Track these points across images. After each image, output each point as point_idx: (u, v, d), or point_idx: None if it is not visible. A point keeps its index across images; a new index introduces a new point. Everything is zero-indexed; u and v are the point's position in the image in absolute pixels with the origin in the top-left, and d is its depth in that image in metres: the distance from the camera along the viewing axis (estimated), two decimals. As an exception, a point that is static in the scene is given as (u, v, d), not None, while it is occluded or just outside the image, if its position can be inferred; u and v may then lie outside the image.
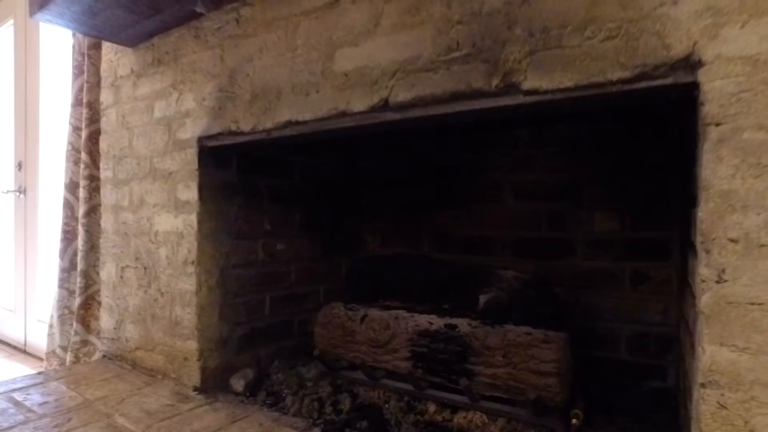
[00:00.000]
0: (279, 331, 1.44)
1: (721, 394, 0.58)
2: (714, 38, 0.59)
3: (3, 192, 2.74)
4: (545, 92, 0.71)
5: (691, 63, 0.61)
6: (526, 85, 0.73)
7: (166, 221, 1.32)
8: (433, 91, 0.81)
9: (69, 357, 1.87)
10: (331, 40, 0.95)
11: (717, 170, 0.59)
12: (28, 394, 1.24)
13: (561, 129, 1.32)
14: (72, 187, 1.91)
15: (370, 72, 0.89)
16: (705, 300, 0.59)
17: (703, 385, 0.59)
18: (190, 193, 1.24)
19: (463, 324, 1.03)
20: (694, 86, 0.61)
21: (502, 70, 0.75)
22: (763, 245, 0.56)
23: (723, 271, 0.58)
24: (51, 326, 1.95)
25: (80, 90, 1.89)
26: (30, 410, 1.15)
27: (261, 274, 1.38)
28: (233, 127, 1.13)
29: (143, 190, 1.40)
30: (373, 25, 0.89)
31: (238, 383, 1.24)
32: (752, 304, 0.56)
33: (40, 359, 2.52)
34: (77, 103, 1.90)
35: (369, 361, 1.14)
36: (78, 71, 1.90)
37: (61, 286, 1.92)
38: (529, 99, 0.73)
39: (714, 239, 0.59)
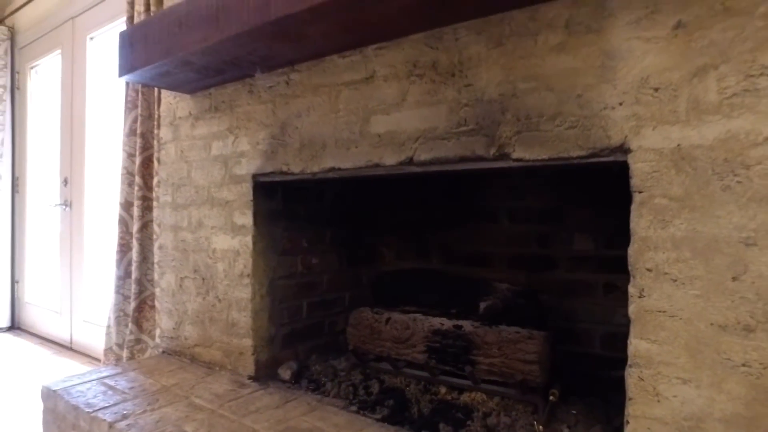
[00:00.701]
0: (313, 331, 1.73)
1: (640, 370, 0.87)
2: (637, 135, 0.88)
3: (51, 205, 3.04)
4: (528, 160, 1.01)
5: (624, 149, 0.90)
6: (515, 155, 1.02)
7: (223, 241, 1.61)
8: (447, 155, 1.11)
9: (125, 353, 2.17)
10: (367, 108, 1.25)
11: (639, 222, 0.88)
12: (116, 381, 1.53)
13: (547, 165, 1.61)
14: (126, 205, 2.21)
15: (398, 136, 1.19)
16: (631, 309, 0.89)
17: (630, 366, 0.89)
18: (245, 218, 1.54)
19: (467, 325, 1.33)
20: (626, 165, 0.90)
21: (497, 143, 1.04)
22: (666, 273, 0.85)
23: (642, 290, 0.88)
24: (108, 326, 2.25)
25: (134, 122, 2.19)
26: (123, 392, 1.44)
27: (300, 284, 1.68)
28: (284, 168, 1.43)
29: (201, 215, 1.70)
30: (401, 99, 1.19)
31: (285, 372, 1.53)
32: (659, 311, 0.86)
33: (86, 355, 2.83)
34: (131, 133, 2.19)
35: (392, 354, 1.44)
36: (132, 105, 2.19)
37: (117, 292, 2.22)
38: (516, 164, 1.03)
39: (637, 269, 0.88)
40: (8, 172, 3.46)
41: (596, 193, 1.49)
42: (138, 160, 2.14)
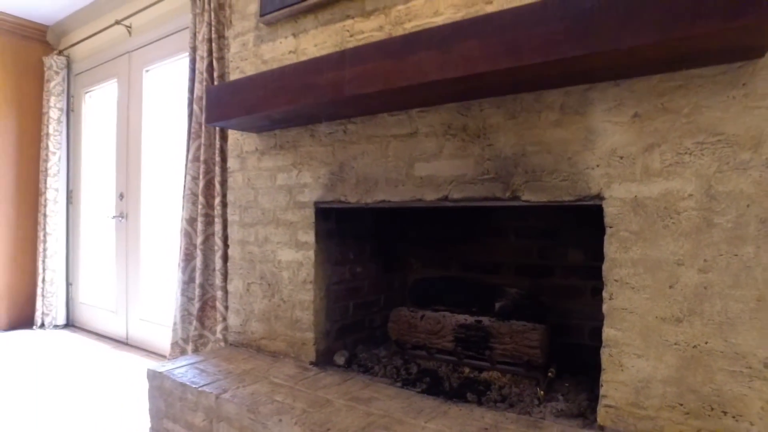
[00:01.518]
0: (357, 327, 2.15)
1: (610, 350, 1.29)
2: (608, 188, 1.30)
3: (108, 217, 3.45)
4: (533, 202, 1.42)
5: (600, 197, 1.32)
6: (524, 198, 1.44)
7: (288, 254, 2.03)
8: (473, 195, 1.52)
9: (190, 347, 2.58)
10: (411, 156, 1.67)
11: (609, 248, 1.30)
12: (204, 366, 1.95)
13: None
14: (191, 221, 2.62)
15: (436, 179, 1.60)
16: (604, 308, 1.30)
17: (603, 347, 1.30)
18: (308, 237, 1.95)
19: (485, 320, 1.74)
20: (601, 208, 1.32)
21: (511, 189, 1.46)
22: (627, 283, 1.27)
23: (611, 294, 1.29)
24: (174, 324, 2.65)
25: (197, 150, 2.60)
26: (215, 374, 1.85)
27: (347, 289, 2.09)
28: (342, 198, 1.84)
29: (267, 232, 2.11)
30: (438, 152, 1.61)
31: (339, 359, 1.95)
32: (623, 309, 1.27)
33: (143, 349, 3.24)
34: (195, 159, 2.61)
35: (427, 343, 1.86)
36: (195, 136, 2.61)
37: (182, 294, 2.63)
38: (525, 204, 1.44)
39: (608, 280, 1.30)
40: (63, 186, 3.87)
41: (583, 219, 1.90)
42: (201, 182, 2.55)
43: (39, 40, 3.99)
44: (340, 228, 2.05)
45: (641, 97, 1.27)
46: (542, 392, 1.52)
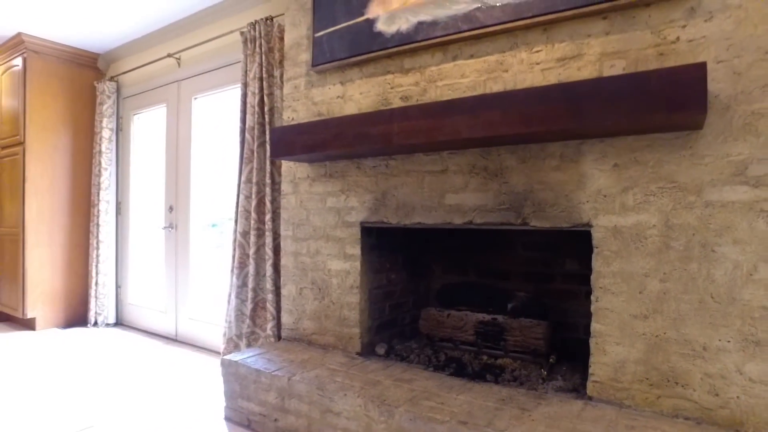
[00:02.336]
0: (392, 324, 2.61)
1: (596, 339, 1.76)
2: (595, 218, 1.77)
3: (159, 227, 3.91)
4: (539, 227, 1.89)
5: (589, 225, 1.78)
6: (531, 224, 1.90)
7: (336, 264, 2.49)
8: (492, 220, 1.99)
9: (243, 342, 3.04)
10: (442, 188, 2.13)
11: (596, 263, 1.76)
12: (269, 357, 2.41)
13: (549, 214, 2.49)
14: (244, 234, 3.08)
15: (462, 207, 2.07)
16: (592, 308, 1.77)
17: (591, 337, 1.77)
18: (354, 250, 2.42)
19: (500, 318, 2.20)
20: (590, 233, 1.78)
21: (522, 217, 1.92)
22: (608, 290, 1.73)
23: (597, 298, 1.76)
24: (229, 322, 3.11)
25: (249, 172, 3.06)
26: (280, 363, 2.32)
27: (384, 292, 2.56)
28: (384, 220, 2.31)
29: (318, 246, 2.57)
30: (464, 186, 2.07)
31: (380, 350, 2.41)
32: (605, 309, 1.74)
33: (192, 345, 3.70)
34: (248, 180, 3.07)
35: (452, 337, 2.32)
36: (248, 161, 3.07)
37: (236, 297, 3.09)
38: (532, 228, 1.91)
39: (594, 287, 1.76)
40: (113, 198, 4.33)
41: (577, 237, 2.37)
42: (254, 201, 3.01)
43: (91, 67, 4.45)
44: (379, 242, 2.52)
45: (620, 152, 1.74)
46: (545, 373, 1.98)
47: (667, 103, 1.44)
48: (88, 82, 4.41)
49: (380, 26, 2.31)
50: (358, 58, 2.38)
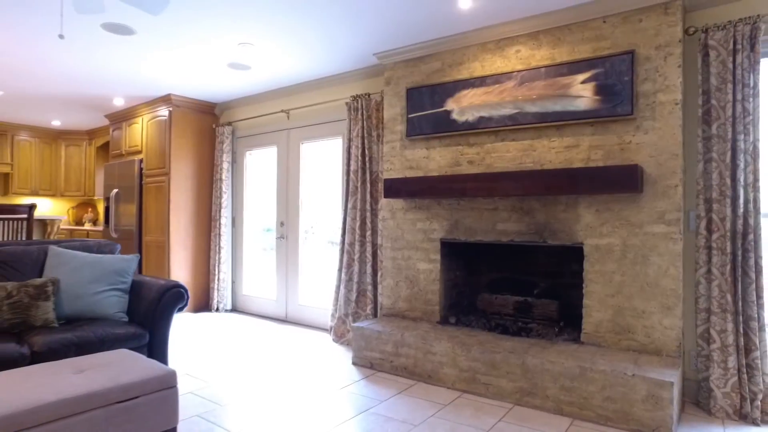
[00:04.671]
0: (456, 305, 4.13)
1: (586, 309, 3.26)
2: (585, 239, 3.26)
3: (274, 238, 5.49)
4: (552, 245, 3.39)
5: (582, 244, 3.28)
6: (549, 242, 3.41)
7: (423, 265, 4.02)
8: (525, 240, 3.50)
9: (349, 319, 4.58)
10: (494, 219, 3.64)
11: (585, 265, 3.27)
12: (380, 325, 3.94)
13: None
14: (351, 244, 4.62)
15: (507, 231, 3.58)
16: (584, 292, 3.27)
17: (583, 308, 3.27)
18: (436, 256, 3.94)
19: (529, 299, 3.72)
20: (582, 250, 3.28)
21: (543, 238, 3.43)
22: (592, 280, 3.23)
23: (586, 285, 3.26)
24: (339, 305, 4.65)
25: (354, 201, 4.60)
26: (390, 327, 3.84)
27: (452, 284, 4.08)
28: (456, 238, 3.83)
29: (410, 253, 4.10)
30: (508, 218, 3.58)
31: (452, 320, 3.93)
32: (591, 291, 3.24)
33: (300, 324, 5.27)
34: (353, 207, 4.60)
35: (499, 311, 3.84)
36: (353, 193, 4.61)
37: (344, 287, 4.63)
38: (549, 244, 3.41)
39: (585, 279, 3.26)
40: (230, 214, 5.92)
41: (576, 250, 3.87)
42: (357, 221, 4.53)
43: (210, 113, 6.04)
44: (450, 252, 4.03)
45: (598, 203, 3.23)
46: (557, 331, 3.49)
47: (618, 183, 2.94)
48: (207, 125, 6.01)
49: (455, 116, 3.83)
50: (439, 134, 3.90)
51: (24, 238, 4.44)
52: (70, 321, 3.11)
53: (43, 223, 7.32)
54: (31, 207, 4.36)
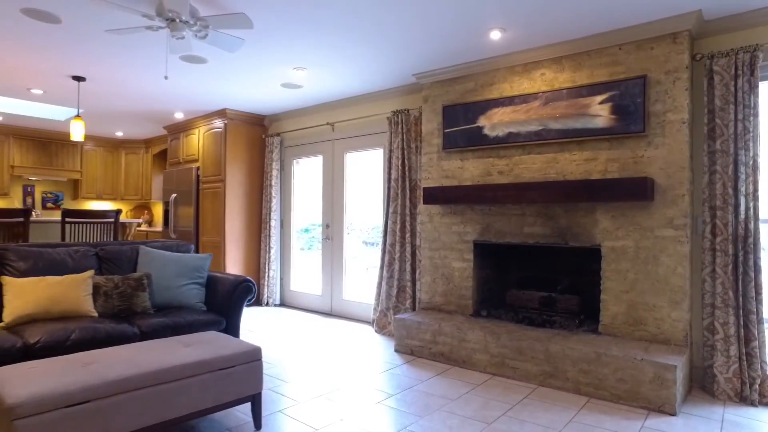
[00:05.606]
0: (487, 299, 4.64)
1: (604, 303, 3.74)
2: (603, 242, 3.74)
3: (320, 239, 6.11)
4: (575, 247, 3.88)
5: (600, 245, 3.76)
6: (570, 244, 3.89)
7: (457, 264, 4.55)
8: (549, 242, 3.99)
9: (390, 312, 5.15)
10: (522, 224, 4.15)
11: (603, 264, 3.74)
12: (419, 317, 4.49)
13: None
14: (392, 245, 5.18)
15: (533, 234, 4.08)
16: (602, 288, 3.75)
17: (601, 302, 3.75)
18: (469, 256, 4.47)
19: (553, 294, 4.21)
20: (600, 251, 3.76)
21: (565, 240, 3.92)
22: (609, 278, 3.70)
23: (604, 282, 3.73)
24: (380, 300, 5.22)
25: (395, 207, 5.16)
26: (428, 319, 4.39)
27: (484, 281, 4.60)
28: (487, 240, 4.34)
29: (446, 253, 4.64)
30: (534, 223, 4.08)
31: (483, 312, 4.45)
32: (608, 288, 3.71)
33: (343, 317, 5.87)
34: (394, 212, 5.17)
35: (526, 305, 4.34)
36: (393, 199, 5.17)
37: (386, 284, 5.19)
38: (571, 246, 3.90)
39: (603, 277, 3.74)
40: (278, 217, 6.56)
41: (594, 251, 4.33)
42: (398, 224, 5.09)
43: (259, 125, 6.70)
44: (482, 252, 4.55)
45: (615, 209, 3.70)
46: (578, 323, 3.97)
47: (632, 193, 3.41)
48: (257, 135, 6.67)
49: (486, 131, 4.34)
50: (472, 147, 4.43)
51: (111, 239, 5.16)
52: (161, 309, 3.76)
53: (123, 225, 8.14)
54: (118, 212, 5.07)
